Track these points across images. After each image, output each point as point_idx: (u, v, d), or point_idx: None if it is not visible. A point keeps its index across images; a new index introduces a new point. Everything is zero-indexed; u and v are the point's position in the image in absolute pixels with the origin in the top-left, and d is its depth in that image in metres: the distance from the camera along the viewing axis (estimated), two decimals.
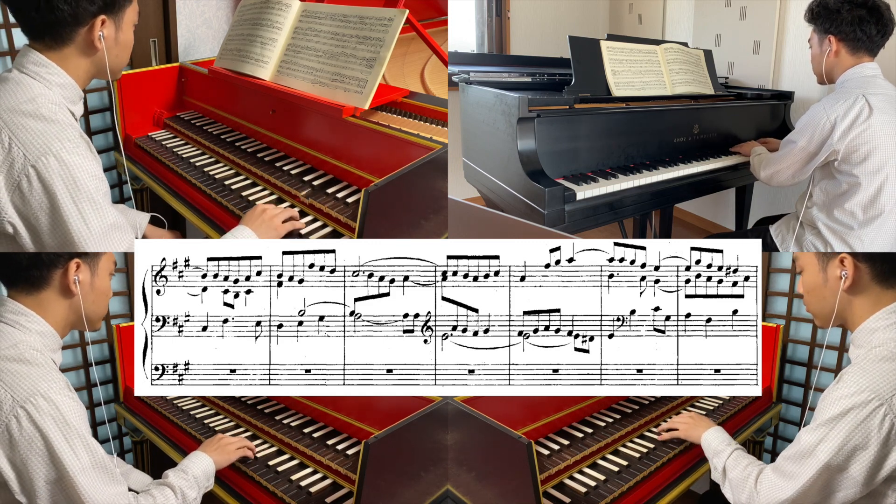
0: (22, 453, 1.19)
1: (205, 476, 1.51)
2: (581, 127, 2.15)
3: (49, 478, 1.21)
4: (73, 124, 1.40)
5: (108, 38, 1.45)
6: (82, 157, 1.35)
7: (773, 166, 2.04)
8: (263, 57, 1.92)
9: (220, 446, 1.61)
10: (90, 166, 1.37)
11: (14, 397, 1.19)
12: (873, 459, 1.24)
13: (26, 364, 1.24)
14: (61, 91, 1.42)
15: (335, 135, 1.71)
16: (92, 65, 1.47)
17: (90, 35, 1.42)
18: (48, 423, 1.19)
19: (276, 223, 1.54)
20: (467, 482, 1.53)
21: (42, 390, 1.21)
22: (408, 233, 1.53)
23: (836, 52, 1.91)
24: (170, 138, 2.13)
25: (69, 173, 1.33)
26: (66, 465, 1.20)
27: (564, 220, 1.96)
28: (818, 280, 1.38)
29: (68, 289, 1.33)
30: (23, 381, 1.21)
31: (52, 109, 1.37)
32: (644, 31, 4.10)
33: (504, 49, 4.06)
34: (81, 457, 1.22)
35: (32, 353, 1.27)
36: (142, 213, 1.90)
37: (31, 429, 1.19)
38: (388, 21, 1.69)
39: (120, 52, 1.49)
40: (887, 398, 1.23)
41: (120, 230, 1.41)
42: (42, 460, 1.20)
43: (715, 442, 1.55)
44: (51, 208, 1.33)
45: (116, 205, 1.88)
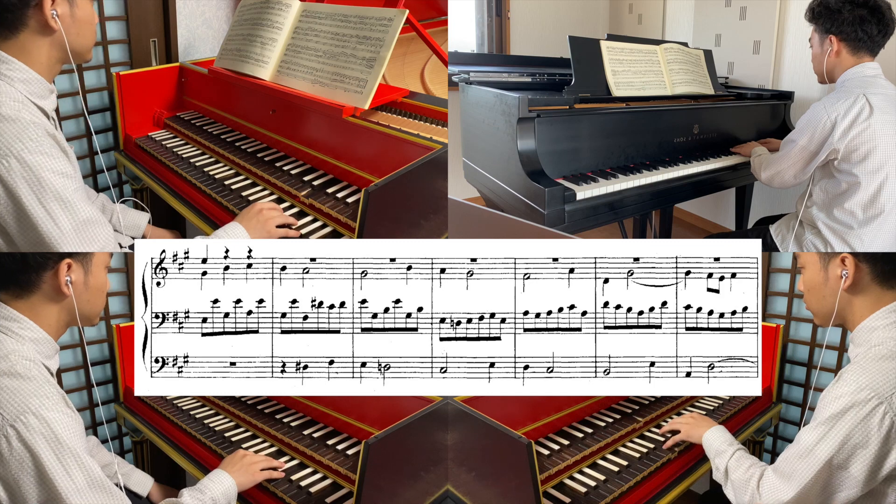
0: (13, 473, 1.15)
1: (225, 499, 1.43)
2: (581, 127, 2.15)
3: (41, 499, 1.16)
4: (37, 122, 1.34)
5: (63, 15, 1.38)
6: (46, 154, 1.30)
7: (774, 167, 2.03)
8: (263, 57, 1.92)
9: (244, 465, 1.51)
10: (55, 164, 1.31)
11: (3, 415, 1.15)
12: (874, 458, 1.24)
13: (17, 378, 1.18)
14: (25, 87, 1.36)
15: (335, 135, 1.71)
16: (54, 48, 1.40)
17: (42, 15, 1.35)
18: (39, 442, 1.15)
19: (269, 226, 1.50)
20: (467, 482, 1.53)
21: (33, 407, 1.16)
22: (408, 233, 1.53)
23: (838, 51, 1.91)
24: (170, 138, 2.13)
25: (32, 173, 1.28)
26: (59, 487, 1.15)
27: (564, 220, 1.96)
28: (819, 279, 1.38)
29: (60, 291, 1.28)
30: (13, 398, 1.16)
31: (13, 108, 1.31)
32: (644, 31, 4.10)
33: (504, 49, 4.06)
34: (76, 477, 1.17)
35: (25, 364, 1.21)
36: (141, 213, 1.89)
37: (21, 448, 1.14)
38: (388, 21, 1.69)
39: (80, 29, 1.42)
40: (887, 396, 1.24)
41: (94, 225, 1.36)
42: (33, 481, 1.15)
43: (717, 442, 1.54)
44: (16, 211, 1.29)
45: (101, 193, 1.86)
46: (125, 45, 2.27)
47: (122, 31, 2.25)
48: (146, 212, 1.93)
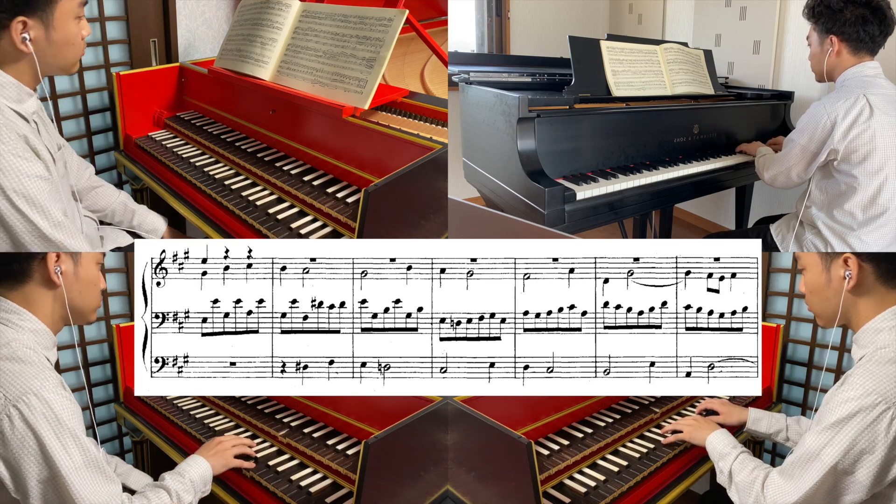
0: (15, 452, 1.19)
1: (202, 481, 1.49)
2: (581, 127, 2.15)
3: (41, 477, 1.21)
4: (10, 124, 1.36)
5: (36, 39, 1.38)
6: (16, 156, 1.34)
7: (776, 167, 2.03)
8: (263, 57, 1.92)
9: (218, 451, 1.58)
10: (26, 166, 1.35)
11: (6, 396, 1.19)
12: (881, 463, 1.23)
13: (19, 362, 1.23)
14: (3, 90, 1.39)
15: (335, 135, 1.71)
16: (29, 66, 1.41)
17: (11, 39, 1.37)
18: (40, 421, 1.19)
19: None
20: (467, 482, 1.53)
21: (34, 389, 1.20)
22: (408, 233, 1.53)
23: (838, 51, 1.90)
24: (170, 138, 2.13)
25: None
26: (59, 464, 1.20)
27: (564, 220, 1.96)
28: (821, 280, 1.37)
29: (51, 280, 1.31)
30: (15, 380, 1.21)
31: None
32: (644, 31, 4.10)
33: (504, 49, 4.06)
34: (74, 456, 1.22)
35: (26, 351, 1.26)
36: (160, 217, 1.90)
37: (24, 428, 1.19)
38: (388, 21, 1.69)
39: (58, 51, 1.42)
40: (894, 401, 1.22)
41: (65, 229, 1.40)
42: (34, 459, 1.20)
43: (720, 445, 1.53)
44: None
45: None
46: (125, 45, 2.27)
47: (122, 31, 2.25)
48: (164, 216, 1.94)
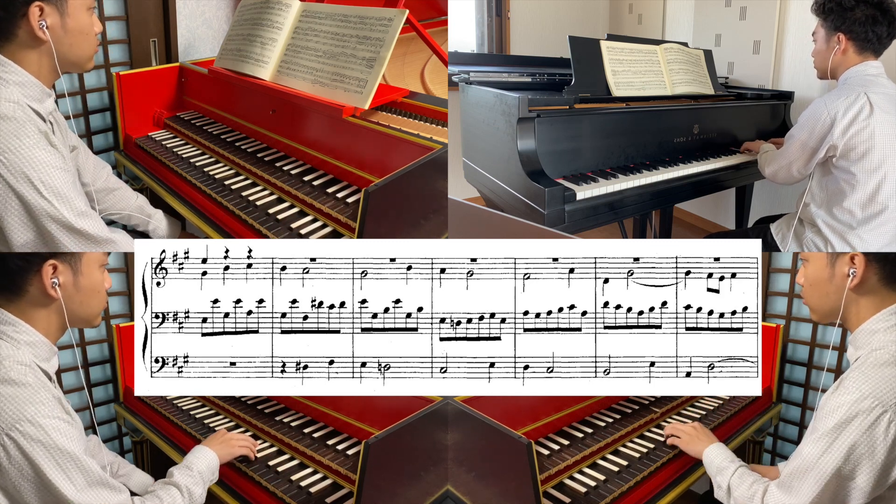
0: (14, 482, 1.15)
1: (209, 471, 1.49)
2: (581, 127, 2.15)
3: (45, 502, 1.17)
4: (31, 119, 1.36)
5: (52, 27, 1.37)
6: (42, 149, 1.36)
7: (777, 163, 2.04)
8: (263, 57, 1.92)
9: (224, 440, 1.58)
10: (49, 157, 1.37)
11: (0, 425, 1.15)
12: (881, 467, 1.22)
13: (12, 385, 1.18)
14: (20, 90, 1.38)
15: (335, 135, 1.71)
16: (47, 58, 1.39)
17: (29, 26, 1.35)
18: (37, 449, 1.15)
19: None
20: (467, 482, 1.53)
21: (28, 415, 1.15)
22: (408, 233, 1.53)
23: (844, 50, 1.89)
24: (170, 138, 2.13)
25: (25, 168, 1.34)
26: (61, 491, 1.17)
27: (564, 220, 1.96)
28: (823, 275, 1.36)
29: (48, 293, 1.26)
30: (8, 406, 1.16)
31: (9, 108, 1.33)
32: (644, 31, 4.10)
33: (504, 49, 4.06)
34: (76, 480, 1.18)
35: (20, 369, 1.20)
36: (175, 221, 1.91)
37: (20, 457, 1.15)
38: (388, 21, 1.69)
39: (73, 40, 1.41)
40: (891, 404, 1.21)
41: (89, 217, 1.41)
42: (33, 487, 1.16)
43: (718, 459, 1.51)
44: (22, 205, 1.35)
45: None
46: (125, 45, 2.26)
47: (122, 31, 2.25)
48: (178, 220, 1.94)
